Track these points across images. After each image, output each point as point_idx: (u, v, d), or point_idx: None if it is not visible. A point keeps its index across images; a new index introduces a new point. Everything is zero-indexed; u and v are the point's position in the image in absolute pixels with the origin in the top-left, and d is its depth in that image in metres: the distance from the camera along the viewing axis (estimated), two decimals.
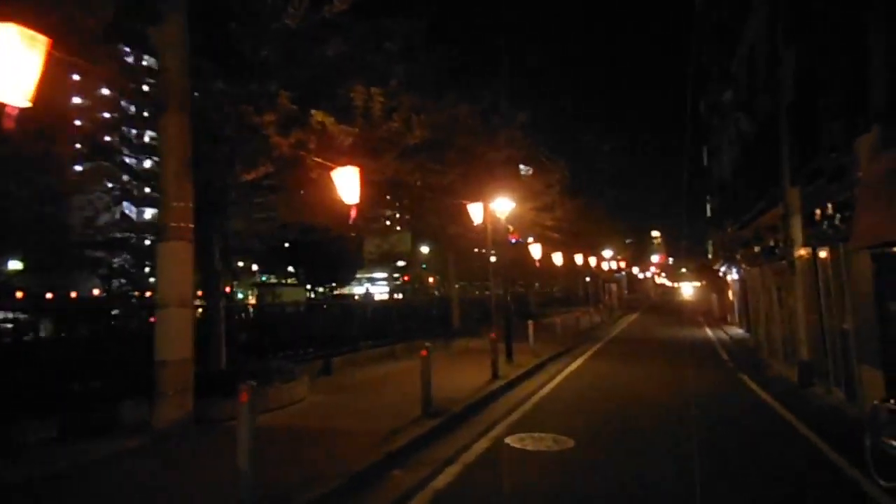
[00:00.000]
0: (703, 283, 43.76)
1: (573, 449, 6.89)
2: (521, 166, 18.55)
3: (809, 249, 10.81)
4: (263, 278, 74.73)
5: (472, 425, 8.16)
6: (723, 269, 26.99)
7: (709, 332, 25.68)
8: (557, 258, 20.21)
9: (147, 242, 70.67)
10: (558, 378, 12.74)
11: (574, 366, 14.81)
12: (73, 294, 48.14)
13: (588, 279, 41.78)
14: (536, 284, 48.99)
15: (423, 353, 8.56)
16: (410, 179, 9.47)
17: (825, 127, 9.05)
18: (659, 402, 10.09)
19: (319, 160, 7.05)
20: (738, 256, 18.95)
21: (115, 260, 56.40)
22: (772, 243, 13.90)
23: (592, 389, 11.43)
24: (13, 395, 8.10)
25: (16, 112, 4.20)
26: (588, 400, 10.32)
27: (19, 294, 43.73)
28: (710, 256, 42.01)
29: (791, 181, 12.01)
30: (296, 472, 5.59)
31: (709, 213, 41.59)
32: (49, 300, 45.24)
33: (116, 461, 6.27)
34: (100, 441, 7.00)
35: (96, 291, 50.29)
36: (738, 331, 24.41)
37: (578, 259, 25.05)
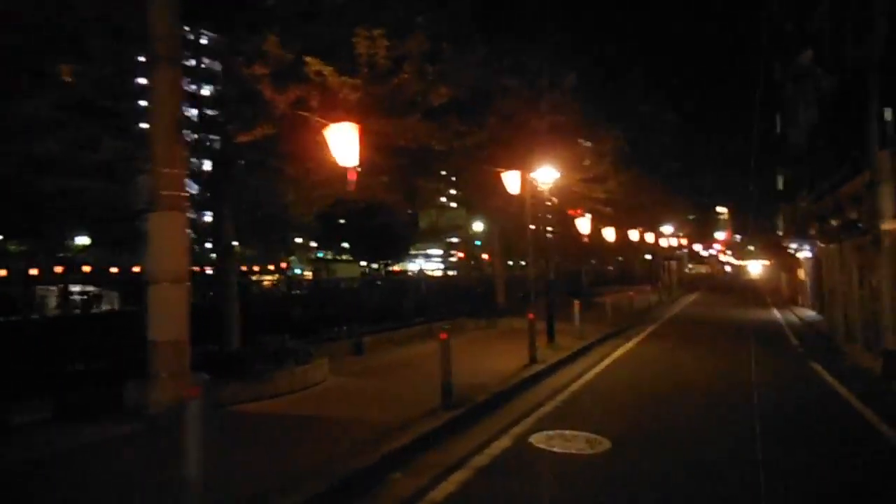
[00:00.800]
0: (772, 261, 41.06)
1: (608, 452, 5.89)
2: (580, 140, 17.17)
3: None
4: (320, 254, 75.80)
5: (496, 418, 7.25)
6: (794, 246, 24.84)
7: (777, 313, 23.80)
8: (609, 233, 18.84)
9: (207, 219, 71.98)
10: (603, 364, 11.65)
11: (622, 350, 13.65)
12: (137, 268, 49.93)
13: (648, 257, 39.86)
14: (593, 262, 47.30)
15: (443, 336, 7.68)
16: (438, 143, 8.48)
17: None
18: (716, 395, 8.90)
19: (319, 119, 6.18)
20: (813, 232, 17.12)
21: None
22: (854, 216, 12.24)
23: (639, 378, 10.30)
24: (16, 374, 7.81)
25: None
26: (633, 391, 9.22)
27: (86, 268, 45.63)
28: (780, 233, 39.32)
29: (881, 143, 10.37)
30: (273, 474, 4.85)
31: (780, 187, 38.82)
32: (114, 275, 47.04)
33: (94, 449, 5.71)
34: (90, 425, 6.49)
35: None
36: (809, 313, 22.45)
37: (633, 235, 23.47)
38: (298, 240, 70.10)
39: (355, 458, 5.28)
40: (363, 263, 69.26)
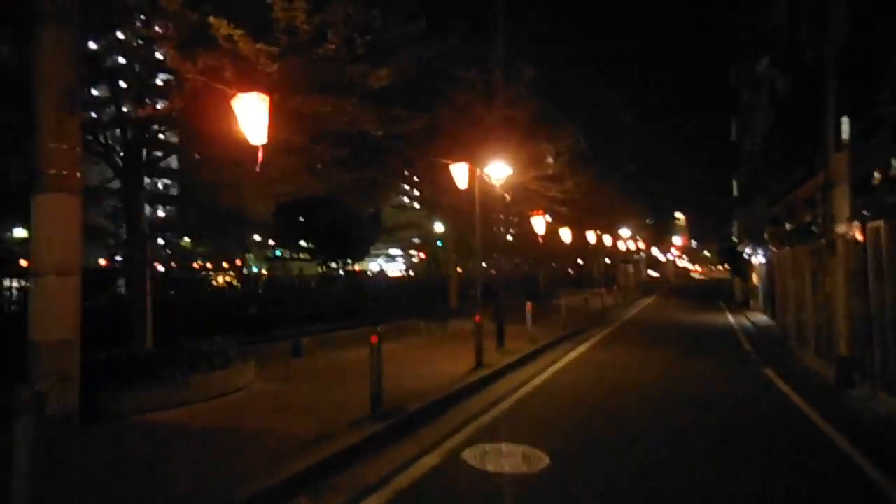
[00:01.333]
0: (726, 266, 41.61)
1: (546, 471, 5.29)
2: (537, 138, 16.67)
3: (858, 224, 8.96)
4: (278, 253, 74.14)
5: (429, 430, 6.59)
6: (748, 250, 24.98)
7: (730, 317, 23.81)
8: (565, 234, 18.44)
9: (160, 214, 68.81)
10: (552, 369, 11.11)
11: (574, 354, 13.17)
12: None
13: (607, 260, 39.89)
14: (553, 264, 47.16)
15: (373, 339, 7.00)
16: (376, 128, 7.79)
17: (890, 69, 7.18)
18: (667, 404, 8.43)
19: (227, 88, 5.40)
20: (767, 236, 17.03)
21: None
22: (808, 219, 12.03)
23: (587, 385, 9.77)
24: None
25: None
26: (580, 398, 8.67)
27: (24, 263, 43.25)
28: (734, 239, 39.84)
29: (836, 145, 10.12)
30: (140, 502, 4.08)
31: (735, 193, 39.33)
32: None
33: None
34: None
35: (103, 262, 49.85)
36: (762, 317, 22.51)
37: (590, 237, 23.19)
38: (257, 237, 68.59)
39: (255, 479, 4.54)
40: (325, 262, 68.02)
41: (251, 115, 5.22)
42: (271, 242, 73.05)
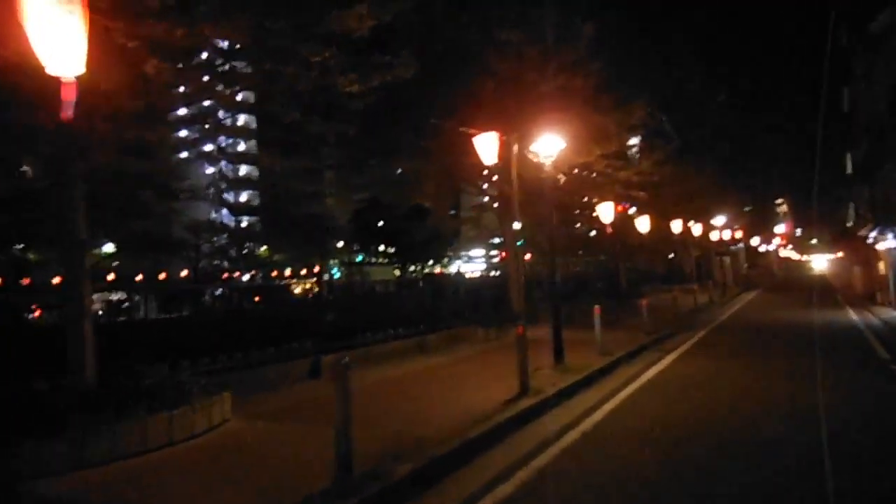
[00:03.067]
0: (842, 254, 36.57)
1: None
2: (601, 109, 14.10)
3: None
4: (360, 258, 74.32)
5: None
6: (872, 234, 21.00)
7: (853, 314, 20.00)
8: (642, 223, 15.68)
9: (243, 224, 71.25)
10: (623, 393, 8.66)
11: (655, 370, 10.58)
12: (163, 275, 49.08)
13: (696, 253, 36.01)
14: (637, 259, 43.40)
15: (337, 372, 4.98)
16: (348, 83, 5.85)
17: None
18: (781, 444, 5.88)
19: None
20: None
21: (211, 241, 57.31)
22: None
23: (670, 419, 7.27)
24: None
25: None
26: (658, 444, 6.23)
27: (111, 276, 44.89)
28: (849, 224, 34.91)
29: None
30: None
31: (849, 170, 34.44)
32: (139, 282, 46.22)
33: None
34: None
35: (184, 273, 51.11)
36: (893, 313, 18.66)
37: (676, 226, 20.14)
38: (339, 244, 68.83)
39: None
40: (404, 266, 67.20)
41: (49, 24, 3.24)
42: (348, 247, 73.47)
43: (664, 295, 24.92)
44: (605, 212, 12.52)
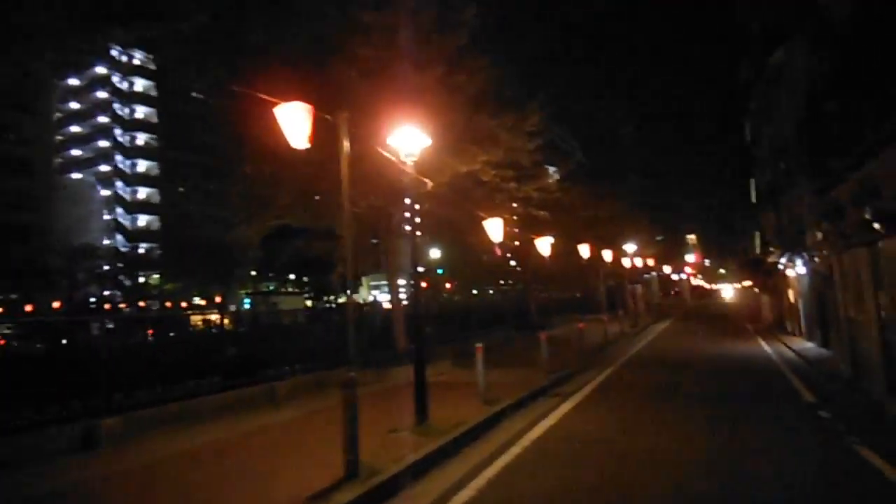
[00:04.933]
0: (749, 282, 36.66)
1: None
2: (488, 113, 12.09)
3: None
4: (271, 287, 69.96)
5: None
6: (782, 260, 20.22)
7: (765, 345, 18.96)
8: (543, 245, 13.88)
9: (140, 250, 65.52)
10: (496, 465, 6.44)
11: (545, 424, 8.46)
12: (29, 307, 43.52)
13: (611, 282, 35.12)
14: (543, 287, 42.17)
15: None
16: None
17: None
18: None
19: None
20: (818, 236, 12.38)
21: (92, 268, 51.79)
22: None
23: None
24: None
25: None
26: None
27: None
28: (756, 252, 35.03)
29: None
30: None
31: (753, 199, 34.67)
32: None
33: None
34: None
35: (56, 304, 45.53)
36: (806, 344, 17.68)
37: (584, 250, 18.56)
38: (253, 272, 64.37)
39: None
40: (315, 296, 63.51)
41: None
42: (261, 276, 69.03)
43: (575, 325, 23.34)
44: (493, 229, 10.52)
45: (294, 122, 5.32)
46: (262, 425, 8.52)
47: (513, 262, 27.68)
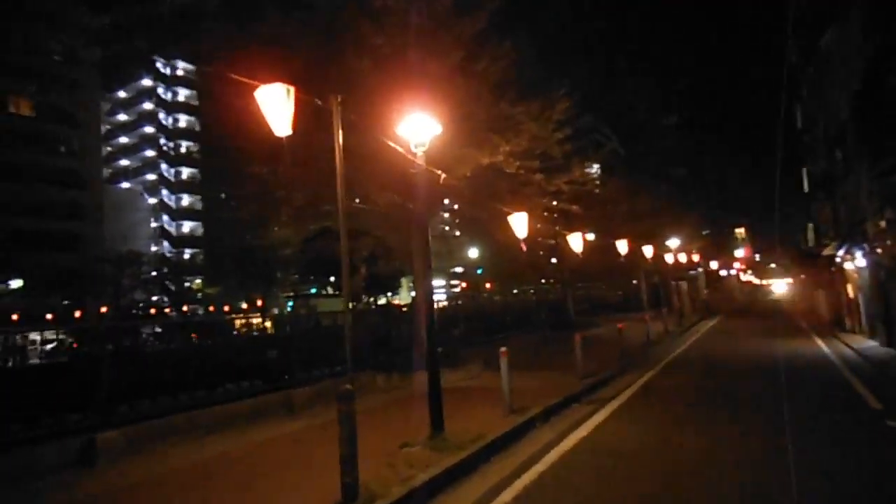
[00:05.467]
0: (803, 277, 34.75)
1: None
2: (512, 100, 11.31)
3: None
4: (313, 290, 70.54)
5: None
6: (839, 252, 18.83)
7: (822, 344, 17.63)
8: (575, 241, 13.05)
9: (186, 256, 66.82)
10: (515, 486, 5.77)
11: (575, 436, 7.72)
12: (78, 313, 44.75)
13: (655, 279, 33.81)
14: (594, 284, 41.01)
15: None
16: None
17: None
18: None
19: None
20: (882, 224, 11.24)
21: (139, 274, 53.03)
22: None
23: None
24: None
25: None
26: None
27: (15, 316, 40.32)
28: (810, 245, 33.18)
29: None
30: None
31: (806, 189, 32.81)
32: (49, 321, 41.73)
33: None
34: None
35: (104, 309, 46.67)
36: (867, 342, 16.33)
37: (622, 246, 17.60)
38: (295, 276, 64.95)
39: None
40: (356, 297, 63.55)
41: None
42: (302, 279, 69.67)
43: (626, 323, 22.30)
44: (518, 224, 9.81)
45: (275, 105, 4.78)
46: (274, 437, 8.06)
47: (554, 260, 26.84)
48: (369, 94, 8.59)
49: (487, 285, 70.04)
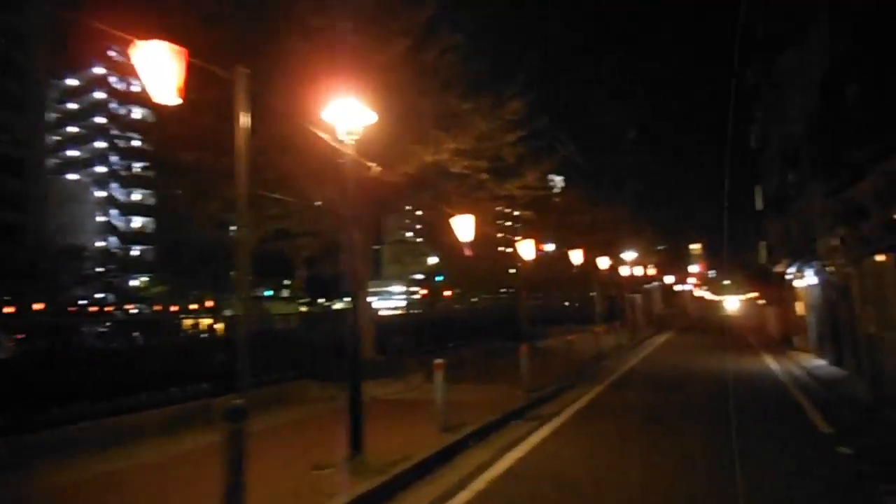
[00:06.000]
0: (754, 294, 35.20)
1: None
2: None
3: None
4: (269, 292, 68.50)
5: None
6: (790, 270, 18.83)
7: (771, 362, 17.51)
8: (526, 249, 12.48)
9: (135, 252, 64.17)
10: None
11: (511, 458, 7.08)
12: (11, 309, 42.29)
13: (612, 291, 33.71)
14: (536, 296, 40.56)
15: None
16: None
17: None
18: None
19: None
20: (837, 241, 11.01)
21: (80, 270, 50.59)
22: None
23: None
24: None
25: None
26: None
27: None
28: (762, 262, 33.60)
29: None
30: None
31: (759, 206, 33.27)
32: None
33: None
34: None
35: (39, 305, 44.23)
36: (816, 361, 16.25)
37: (576, 257, 17.19)
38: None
39: None
40: (310, 301, 62.10)
41: None
42: (256, 280, 67.61)
43: (578, 335, 21.92)
44: (462, 227, 9.17)
45: (158, 68, 4.01)
46: (182, 452, 7.18)
47: (513, 270, 26.37)
48: (303, 79, 7.84)
49: (447, 293, 69.40)
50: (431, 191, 10.44)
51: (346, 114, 6.42)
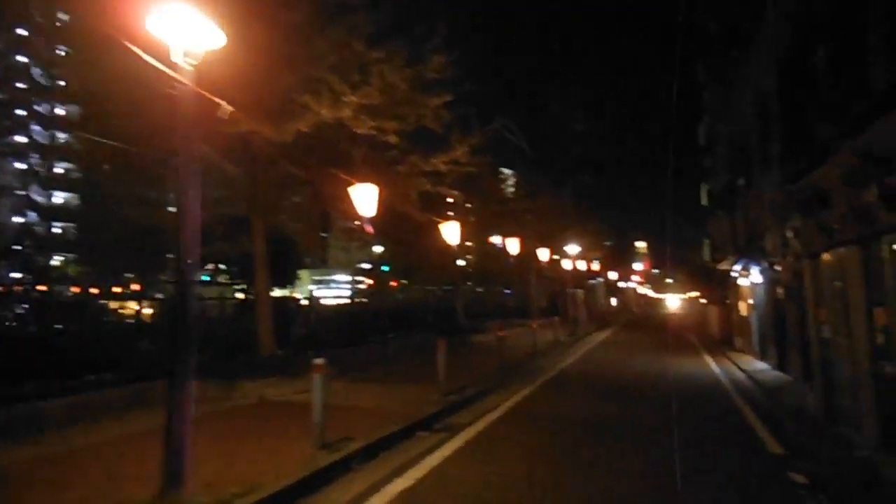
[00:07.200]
0: (697, 293, 34.87)
1: None
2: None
3: None
4: (206, 277, 65.02)
5: None
6: (735, 268, 18.01)
7: (712, 364, 16.62)
8: (450, 231, 10.97)
9: (57, 230, 59.90)
10: None
11: (404, 482, 5.58)
12: None
13: (557, 286, 32.76)
14: (478, 289, 39.47)
15: None
16: None
17: None
18: None
19: None
20: (790, 234, 9.91)
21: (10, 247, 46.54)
22: None
23: None
24: None
25: None
26: None
27: None
28: (706, 260, 33.24)
29: None
30: None
31: (704, 202, 32.86)
32: None
33: None
34: None
35: None
36: (757, 364, 15.44)
37: (513, 246, 15.82)
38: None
39: None
40: (247, 288, 59.24)
41: None
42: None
43: (516, 330, 20.73)
44: (363, 199, 7.56)
45: None
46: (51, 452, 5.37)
47: (461, 262, 24.96)
48: None
49: (393, 283, 67.55)
50: (325, 153, 8.72)
51: (180, 27, 4.73)
